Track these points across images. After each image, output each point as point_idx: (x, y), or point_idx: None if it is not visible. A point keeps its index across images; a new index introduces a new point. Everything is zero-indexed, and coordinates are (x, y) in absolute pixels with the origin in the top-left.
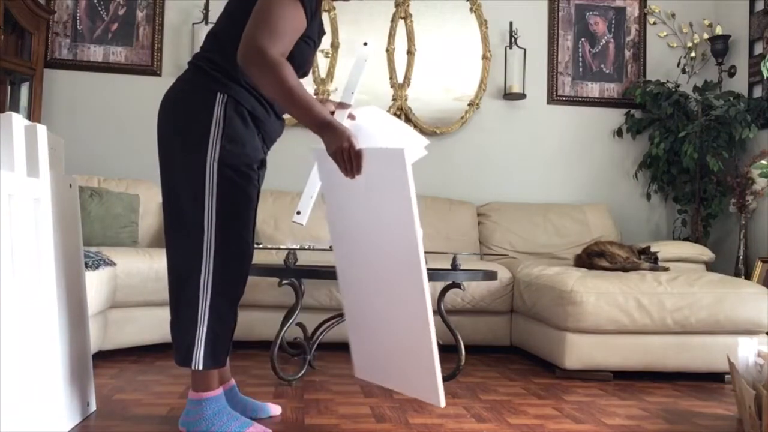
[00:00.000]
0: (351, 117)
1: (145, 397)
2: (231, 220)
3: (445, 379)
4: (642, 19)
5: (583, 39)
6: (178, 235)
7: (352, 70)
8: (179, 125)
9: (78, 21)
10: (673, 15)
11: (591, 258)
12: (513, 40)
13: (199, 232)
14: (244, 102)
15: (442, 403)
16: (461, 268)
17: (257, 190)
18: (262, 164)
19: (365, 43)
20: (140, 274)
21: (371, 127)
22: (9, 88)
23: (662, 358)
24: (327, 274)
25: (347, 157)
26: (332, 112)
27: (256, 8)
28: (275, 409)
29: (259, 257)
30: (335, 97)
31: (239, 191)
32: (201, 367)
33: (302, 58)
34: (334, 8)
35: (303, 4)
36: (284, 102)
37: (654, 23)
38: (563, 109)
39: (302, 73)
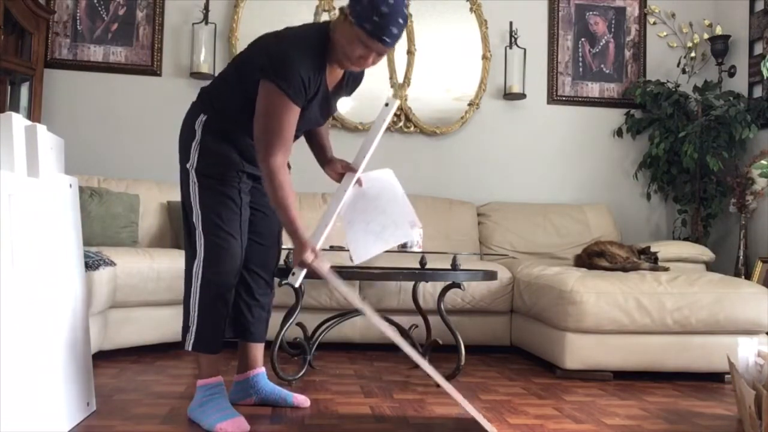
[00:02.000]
0: (359, 182)
1: (145, 397)
2: (212, 217)
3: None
4: (642, 19)
5: (583, 39)
6: (186, 235)
7: (370, 132)
8: (179, 141)
9: (78, 21)
10: (673, 15)
11: (591, 258)
12: (513, 40)
13: (193, 230)
14: (219, 123)
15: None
16: (461, 268)
17: (239, 191)
18: (244, 173)
19: (386, 104)
20: (140, 274)
21: (370, 199)
22: (9, 88)
23: (662, 358)
24: None
25: (306, 267)
26: (342, 174)
27: (256, 115)
28: (301, 401)
29: None
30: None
31: (215, 192)
32: (190, 349)
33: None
34: (334, 8)
35: (293, 101)
36: (272, 202)
37: (654, 23)
38: (563, 109)
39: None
